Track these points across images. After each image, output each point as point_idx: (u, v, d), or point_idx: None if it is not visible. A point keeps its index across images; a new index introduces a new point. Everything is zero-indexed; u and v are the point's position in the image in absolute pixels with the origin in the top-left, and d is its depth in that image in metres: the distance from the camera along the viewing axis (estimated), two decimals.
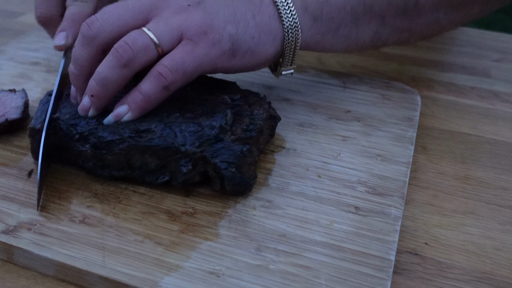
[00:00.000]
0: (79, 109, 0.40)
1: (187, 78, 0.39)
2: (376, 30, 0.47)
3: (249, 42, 0.41)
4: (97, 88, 0.38)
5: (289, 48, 0.43)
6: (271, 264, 0.33)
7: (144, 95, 0.38)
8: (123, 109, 0.39)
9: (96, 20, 0.39)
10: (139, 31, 0.38)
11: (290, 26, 0.42)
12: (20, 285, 0.35)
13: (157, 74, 0.38)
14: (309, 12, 0.43)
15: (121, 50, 0.37)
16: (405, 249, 0.37)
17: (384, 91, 0.53)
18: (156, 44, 0.38)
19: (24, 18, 0.77)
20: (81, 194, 0.39)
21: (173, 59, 0.38)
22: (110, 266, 0.33)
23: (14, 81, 0.55)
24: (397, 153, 0.43)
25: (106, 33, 0.39)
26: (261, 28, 0.41)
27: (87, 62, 0.39)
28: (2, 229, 0.36)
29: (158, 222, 0.37)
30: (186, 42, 0.38)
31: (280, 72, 0.46)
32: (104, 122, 0.39)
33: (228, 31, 0.40)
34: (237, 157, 0.37)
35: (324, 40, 0.45)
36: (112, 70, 0.38)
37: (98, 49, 0.39)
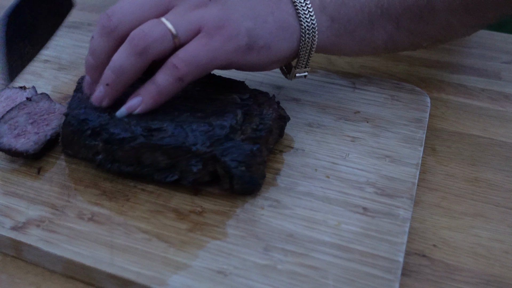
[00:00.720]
0: (93, 99, 0.40)
1: (201, 71, 0.39)
2: (390, 33, 0.47)
3: (266, 37, 0.40)
4: (113, 76, 0.38)
5: (305, 48, 0.43)
6: (279, 264, 0.33)
7: (158, 86, 0.38)
8: (137, 101, 0.39)
9: (116, 11, 0.39)
10: (157, 21, 0.38)
11: (307, 26, 0.42)
12: (29, 281, 0.35)
13: (171, 65, 0.38)
14: (327, 13, 0.43)
15: (137, 38, 0.37)
16: (414, 251, 0.37)
17: (394, 92, 0.52)
18: (173, 35, 0.38)
19: None
20: (89, 192, 0.39)
21: (188, 51, 0.38)
22: (118, 264, 0.33)
23: (24, 78, 0.55)
24: (406, 155, 0.43)
25: (126, 24, 0.38)
26: (279, 24, 0.41)
27: (105, 53, 0.39)
28: (11, 226, 0.36)
29: (166, 220, 0.37)
30: (202, 35, 0.38)
31: (294, 74, 0.46)
32: (117, 115, 0.39)
33: (245, 25, 0.39)
34: (247, 156, 0.37)
35: (339, 41, 0.45)
36: (128, 58, 0.38)
37: (117, 40, 0.39)
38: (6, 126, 0.42)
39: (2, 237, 0.36)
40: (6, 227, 0.36)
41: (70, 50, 0.61)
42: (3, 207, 0.38)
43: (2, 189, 0.39)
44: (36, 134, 0.42)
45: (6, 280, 0.35)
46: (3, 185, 0.40)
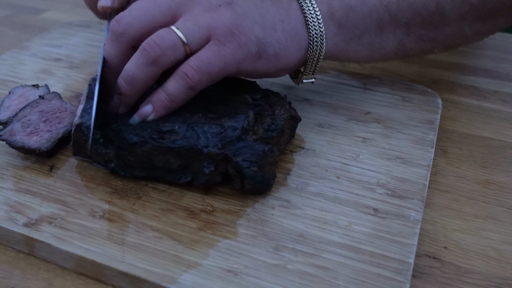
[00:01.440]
0: (110, 107, 0.41)
1: (213, 79, 0.39)
2: (400, 39, 0.47)
3: (275, 46, 0.41)
4: (125, 86, 0.39)
5: (312, 56, 0.43)
6: (289, 264, 0.33)
7: (169, 95, 0.39)
8: (148, 109, 0.39)
9: (124, 16, 0.39)
10: (168, 30, 0.38)
11: (315, 35, 0.42)
12: (41, 277, 0.35)
13: (182, 74, 0.38)
14: (334, 19, 0.43)
15: (149, 48, 0.37)
16: (424, 253, 0.37)
17: (405, 93, 0.52)
18: (184, 43, 0.38)
19: (47, 15, 0.78)
20: (101, 190, 0.40)
21: (199, 60, 0.38)
22: (129, 262, 0.33)
23: (37, 76, 0.56)
24: (417, 156, 0.43)
25: (134, 29, 0.39)
26: (288, 33, 0.41)
27: (117, 59, 0.40)
28: (24, 222, 0.36)
29: (177, 219, 0.37)
30: (214, 43, 0.38)
31: (301, 80, 0.46)
32: (130, 122, 0.39)
33: (255, 33, 0.39)
34: (259, 156, 0.37)
35: (347, 47, 0.45)
36: (140, 68, 0.38)
37: (127, 45, 0.39)
38: (19, 123, 0.43)
39: (15, 234, 0.36)
40: (19, 224, 0.36)
41: (81, 49, 0.62)
42: (16, 204, 0.38)
43: (15, 186, 0.40)
44: (48, 132, 0.43)
45: (18, 276, 0.35)
46: (16, 182, 0.40)
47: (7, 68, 0.57)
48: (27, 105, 0.45)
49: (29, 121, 0.43)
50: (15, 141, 0.41)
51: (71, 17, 0.76)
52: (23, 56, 0.60)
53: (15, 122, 0.43)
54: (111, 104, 0.40)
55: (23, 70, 0.57)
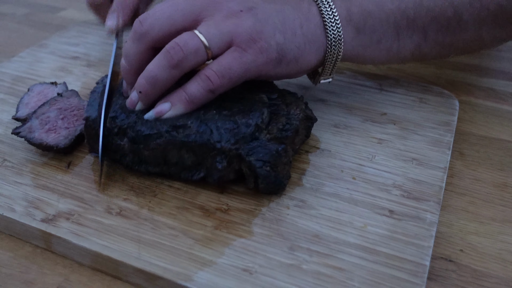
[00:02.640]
0: (127, 102, 0.41)
1: (233, 83, 0.40)
2: (417, 44, 0.47)
3: (294, 51, 0.41)
4: (146, 85, 0.39)
5: (330, 59, 0.43)
6: (304, 264, 0.33)
7: (189, 96, 0.39)
8: (166, 107, 0.39)
9: (148, 17, 0.40)
10: (191, 34, 0.38)
11: (333, 38, 0.42)
12: (57, 272, 0.35)
13: (204, 77, 0.39)
14: (353, 24, 0.43)
15: (173, 52, 0.38)
16: (440, 255, 0.37)
17: (421, 95, 0.52)
18: (206, 47, 0.38)
19: (65, 13, 0.79)
20: (118, 187, 0.40)
21: (221, 65, 0.39)
22: (145, 259, 0.34)
23: (54, 74, 0.56)
24: (434, 158, 0.43)
25: (156, 30, 0.39)
26: (307, 38, 0.42)
27: (137, 58, 0.40)
28: (42, 218, 0.37)
29: (193, 217, 0.37)
30: (235, 49, 0.39)
31: (319, 80, 0.46)
32: (145, 117, 0.40)
33: (276, 39, 0.40)
34: (272, 156, 0.37)
35: (365, 52, 0.45)
36: (162, 70, 0.39)
37: (148, 45, 0.40)
38: (37, 121, 0.43)
39: (32, 229, 0.36)
40: (37, 219, 0.37)
41: (99, 47, 0.62)
42: (35, 200, 0.38)
43: (33, 182, 0.40)
44: (66, 129, 0.43)
45: (36, 271, 0.36)
46: (34, 178, 0.41)
47: (25, 66, 0.58)
48: (45, 103, 0.45)
49: (48, 118, 0.44)
50: (34, 138, 0.42)
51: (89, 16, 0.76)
52: (41, 54, 0.61)
53: (33, 119, 0.43)
54: (128, 101, 0.41)
55: (41, 68, 0.58)
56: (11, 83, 0.54)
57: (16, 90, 0.53)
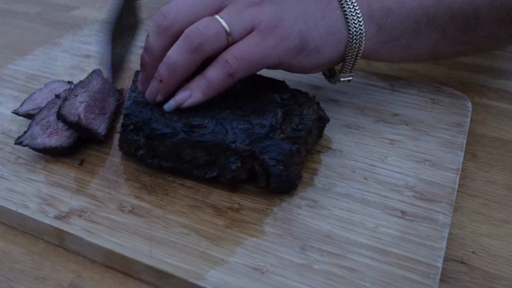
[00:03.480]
0: (147, 94, 0.41)
1: (252, 68, 0.39)
2: (435, 42, 0.46)
3: (316, 40, 0.41)
4: (166, 72, 0.39)
5: (351, 54, 0.43)
6: (315, 263, 0.33)
7: (208, 81, 0.39)
8: (185, 94, 0.39)
9: (171, 10, 0.39)
10: (212, 18, 0.38)
11: (355, 32, 0.42)
12: (70, 269, 0.36)
13: (224, 61, 0.38)
14: (374, 20, 0.43)
15: (193, 36, 0.38)
16: (452, 257, 0.36)
17: (434, 96, 0.52)
18: (227, 33, 0.38)
19: (78, 12, 0.80)
20: (130, 185, 0.40)
21: (241, 48, 0.38)
22: (157, 256, 0.34)
23: (68, 72, 0.57)
24: (446, 159, 0.43)
25: (180, 23, 0.39)
26: (329, 29, 0.41)
27: (160, 51, 0.40)
28: (55, 215, 0.37)
29: (204, 216, 0.37)
30: (256, 34, 0.39)
31: (339, 78, 0.46)
32: (165, 108, 0.40)
33: (298, 27, 0.40)
34: (286, 155, 0.37)
35: (384, 49, 0.45)
36: (182, 54, 0.38)
37: (171, 38, 0.40)
38: (38, 127, 0.43)
39: (46, 226, 0.37)
40: (50, 216, 0.37)
41: None
42: (48, 197, 0.39)
43: (46, 179, 0.41)
44: (68, 130, 0.43)
45: (48, 267, 0.36)
46: (47, 175, 0.41)
47: (39, 64, 0.58)
48: (43, 108, 0.45)
49: (48, 123, 0.44)
50: (37, 144, 0.42)
51: (102, 15, 0.77)
52: (55, 52, 0.61)
53: (34, 126, 0.43)
54: (149, 92, 0.41)
55: (55, 66, 0.58)
56: (25, 81, 0.55)
57: (29, 88, 0.53)
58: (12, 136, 0.46)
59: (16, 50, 0.66)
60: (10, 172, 0.41)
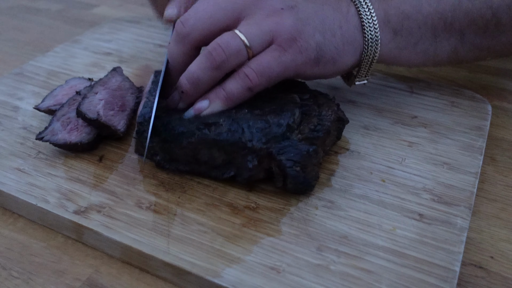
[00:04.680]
0: (168, 102, 0.42)
1: (271, 82, 0.40)
2: (454, 46, 0.46)
3: (332, 51, 0.41)
4: (188, 86, 0.40)
5: (366, 60, 0.43)
6: (332, 264, 0.33)
7: (227, 93, 0.39)
8: (204, 104, 0.40)
9: (190, 18, 0.40)
10: (232, 34, 0.39)
11: (371, 39, 0.42)
12: (88, 264, 0.36)
13: (244, 75, 0.39)
14: (390, 26, 0.43)
15: (215, 53, 0.38)
16: (470, 262, 0.36)
17: (453, 98, 0.51)
18: (247, 47, 0.39)
19: (98, 10, 0.80)
20: (148, 182, 0.40)
21: (261, 64, 0.39)
22: (174, 253, 0.34)
23: (87, 69, 0.58)
24: (465, 163, 0.42)
25: (198, 31, 0.40)
26: (346, 38, 0.42)
27: (181, 58, 0.41)
28: (74, 210, 0.38)
29: (221, 214, 0.37)
30: (275, 48, 0.39)
31: (354, 82, 0.46)
32: (185, 116, 0.40)
33: (316, 39, 0.40)
34: (303, 156, 0.37)
35: (401, 54, 0.45)
36: (205, 71, 0.39)
37: (190, 46, 0.40)
38: (59, 123, 0.44)
39: (65, 220, 0.37)
40: (69, 211, 0.38)
41: (130, 44, 0.63)
42: (67, 191, 0.39)
43: (66, 174, 0.41)
44: (88, 126, 0.44)
45: (67, 261, 0.36)
46: (67, 171, 0.42)
47: (59, 61, 0.59)
48: (64, 104, 0.46)
49: (68, 119, 0.44)
50: (57, 140, 0.43)
51: (121, 13, 0.78)
52: (75, 50, 0.62)
53: (54, 122, 0.44)
54: (169, 100, 0.41)
55: (75, 63, 0.59)
56: (46, 77, 0.56)
57: (50, 84, 0.54)
58: (33, 131, 0.46)
59: (38, 47, 0.67)
60: (30, 167, 0.42)
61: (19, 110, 0.50)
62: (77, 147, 0.43)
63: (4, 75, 0.56)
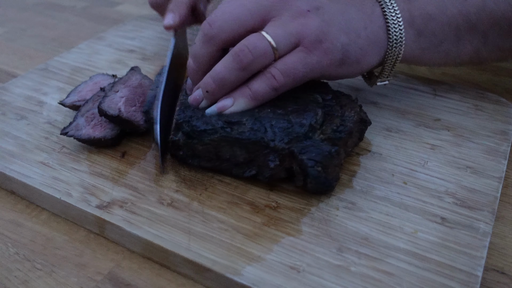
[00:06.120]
0: (191, 99, 0.42)
1: (296, 83, 0.40)
2: (477, 48, 0.46)
3: (357, 52, 0.41)
4: (213, 86, 0.40)
5: (390, 61, 0.43)
6: (352, 266, 0.33)
7: (253, 92, 0.40)
8: (228, 102, 0.40)
9: (217, 20, 0.40)
10: (259, 36, 0.39)
11: (395, 40, 0.42)
12: (109, 258, 0.37)
13: (270, 76, 0.39)
14: (414, 27, 0.43)
15: (242, 55, 0.38)
16: (492, 267, 0.36)
17: (477, 102, 0.51)
18: (273, 48, 0.39)
19: (122, 8, 0.81)
20: (169, 179, 0.41)
21: (287, 65, 0.39)
22: (195, 250, 0.34)
23: (111, 66, 0.58)
24: (489, 167, 0.42)
25: (225, 32, 0.40)
26: (370, 39, 0.42)
27: (206, 59, 0.41)
28: (97, 204, 0.38)
29: (242, 212, 0.37)
30: (301, 49, 0.39)
31: (375, 82, 0.46)
32: (207, 113, 0.40)
33: (341, 41, 0.40)
34: (325, 157, 0.37)
35: (424, 55, 0.45)
36: (231, 72, 0.39)
37: (218, 47, 0.41)
38: (83, 118, 0.45)
39: (88, 214, 0.38)
40: (92, 205, 0.38)
41: (154, 42, 0.64)
42: (90, 186, 0.40)
43: (89, 169, 0.42)
44: (111, 123, 0.44)
45: (89, 255, 0.37)
46: (90, 166, 0.42)
47: (84, 57, 0.60)
48: (89, 100, 0.46)
49: (92, 115, 0.45)
50: (81, 135, 0.43)
51: (144, 11, 0.79)
52: (99, 47, 0.62)
53: (79, 117, 0.45)
54: (192, 98, 0.41)
55: (99, 59, 0.59)
56: (70, 73, 0.56)
57: (75, 80, 0.55)
58: (57, 126, 0.47)
59: (62, 43, 0.68)
60: (55, 161, 0.43)
61: (44, 105, 0.51)
62: (100, 142, 0.43)
63: (30, 70, 0.57)
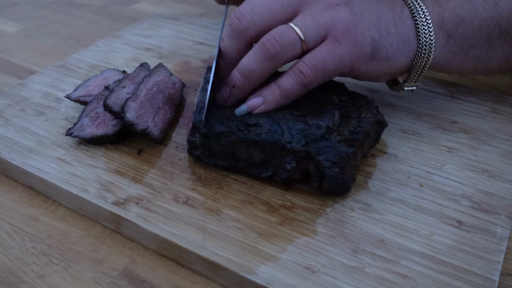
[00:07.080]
0: (217, 98, 0.42)
1: (327, 77, 0.39)
2: (507, 54, 0.45)
3: (387, 48, 0.41)
4: (240, 79, 0.40)
5: (419, 64, 0.42)
6: (367, 267, 0.33)
7: (282, 90, 0.39)
8: (258, 101, 0.40)
9: (246, 13, 0.40)
10: (287, 27, 0.38)
11: (425, 42, 0.41)
12: (125, 254, 0.37)
13: (298, 71, 0.39)
14: (444, 29, 0.42)
15: (268, 44, 0.38)
16: (509, 272, 0.35)
17: (495, 105, 0.50)
18: (302, 40, 0.38)
19: (138, 6, 0.82)
20: (185, 177, 0.41)
21: (315, 58, 0.38)
22: (210, 248, 0.34)
23: (127, 64, 0.59)
24: (507, 171, 0.41)
25: (255, 26, 0.39)
26: (400, 37, 0.41)
27: (235, 54, 0.41)
28: (113, 201, 0.38)
29: (257, 212, 0.38)
30: (330, 41, 0.39)
31: (403, 87, 0.45)
32: (236, 112, 0.40)
33: (371, 34, 0.40)
34: (342, 158, 0.37)
35: (453, 59, 0.44)
36: (258, 62, 0.39)
37: (246, 41, 0.40)
38: (87, 118, 0.45)
39: (104, 211, 0.38)
40: (108, 202, 0.38)
41: (170, 40, 0.64)
42: (107, 183, 0.40)
43: (106, 166, 0.42)
44: (114, 119, 0.44)
45: (105, 251, 0.37)
46: (107, 162, 0.42)
47: (101, 55, 0.60)
48: (93, 99, 0.47)
49: (96, 114, 0.45)
50: (85, 134, 0.44)
51: (161, 10, 0.79)
52: (116, 44, 0.63)
53: (83, 117, 0.45)
54: (219, 96, 0.41)
55: (116, 57, 0.60)
56: (88, 70, 0.57)
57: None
58: (75, 122, 0.47)
59: (80, 41, 0.69)
60: (72, 157, 0.43)
61: (61, 101, 0.51)
62: (103, 139, 0.44)
63: (48, 67, 0.58)
